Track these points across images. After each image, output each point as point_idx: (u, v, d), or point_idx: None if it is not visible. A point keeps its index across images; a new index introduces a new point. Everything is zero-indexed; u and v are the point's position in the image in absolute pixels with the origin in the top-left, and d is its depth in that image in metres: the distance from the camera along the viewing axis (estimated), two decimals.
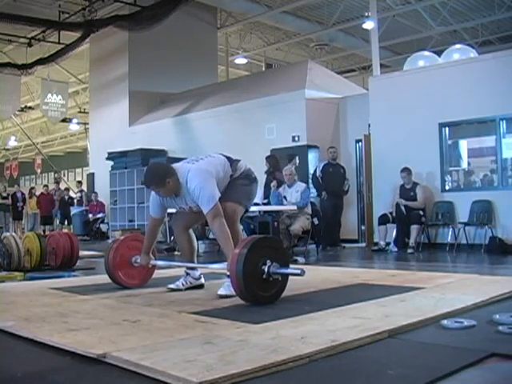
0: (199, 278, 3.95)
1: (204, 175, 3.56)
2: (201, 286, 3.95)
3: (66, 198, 15.53)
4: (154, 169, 3.81)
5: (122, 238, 4.16)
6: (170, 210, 4.01)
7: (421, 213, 8.11)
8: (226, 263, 3.39)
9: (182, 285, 3.86)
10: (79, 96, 20.66)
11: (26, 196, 16.47)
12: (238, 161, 3.88)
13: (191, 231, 4.00)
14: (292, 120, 10.34)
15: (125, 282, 4.01)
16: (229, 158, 3.83)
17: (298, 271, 3.30)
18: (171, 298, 3.56)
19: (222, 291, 3.50)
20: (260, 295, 3.20)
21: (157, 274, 4.35)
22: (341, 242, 8.97)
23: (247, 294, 3.16)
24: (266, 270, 3.18)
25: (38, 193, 16.58)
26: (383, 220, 8.30)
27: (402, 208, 8.12)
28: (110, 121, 14.67)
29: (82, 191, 15.75)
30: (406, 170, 8.23)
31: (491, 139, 8.29)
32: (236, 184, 3.76)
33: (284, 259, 3.32)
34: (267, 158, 8.92)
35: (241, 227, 7.61)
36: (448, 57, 9.28)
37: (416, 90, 8.66)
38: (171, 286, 3.86)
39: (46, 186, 16.42)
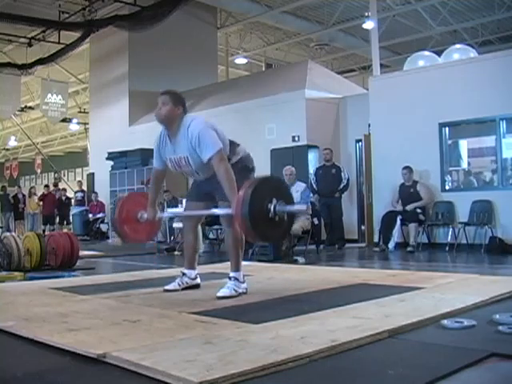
0: (195, 278, 3.93)
1: (207, 125, 3.55)
2: (197, 286, 3.92)
3: (64, 198, 15.54)
4: (177, 92, 3.77)
5: (128, 194, 4.17)
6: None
7: (418, 210, 8.10)
8: (230, 208, 3.34)
9: (179, 285, 3.84)
10: (79, 96, 20.66)
11: (27, 196, 16.50)
12: (238, 145, 3.78)
13: (199, 229, 4.02)
14: (292, 120, 10.33)
15: (132, 238, 4.03)
16: (230, 140, 3.78)
17: (304, 207, 3.32)
18: (171, 297, 3.55)
19: (221, 293, 3.47)
20: (268, 234, 3.19)
21: (157, 274, 4.36)
22: (342, 242, 8.97)
23: (255, 233, 3.14)
24: (271, 208, 3.13)
25: (38, 193, 16.58)
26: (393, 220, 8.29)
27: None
28: (109, 121, 14.67)
29: (83, 191, 15.76)
30: (408, 168, 8.26)
31: (491, 139, 8.29)
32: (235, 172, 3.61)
33: (288, 198, 3.28)
34: None
35: None
36: (448, 57, 9.28)
37: (416, 90, 8.66)
38: (168, 287, 3.84)
39: (46, 186, 16.43)
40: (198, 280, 3.95)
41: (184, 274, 3.89)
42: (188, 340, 2.32)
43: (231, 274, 3.58)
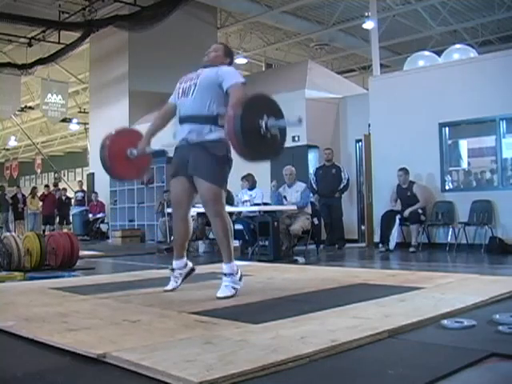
0: (186, 265, 3.84)
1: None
2: (192, 271, 3.88)
3: (64, 198, 15.54)
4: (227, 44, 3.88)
5: (114, 131, 4.09)
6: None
7: (419, 211, 8.11)
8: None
9: (176, 282, 3.80)
10: (79, 96, 20.66)
11: (27, 196, 16.49)
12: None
13: (190, 218, 3.84)
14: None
15: (122, 176, 4.03)
16: None
17: (296, 120, 3.23)
18: (171, 297, 3.55)
19: (221, 294, 3.45)
20: (261, 151, 3.20)
21: (157, 274, 4.35)
22: (342, 242, 8.97)
23: (248, 151, 3.14)
24: (263, 124, 3.12)
25: (39, 193, 16.60)
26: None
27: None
28: (109, 121, 14.64)
29: (83, 191, 15.76)
30: (403, 170, 8.26)
31: (491, 139, 8.30)
32: (217, 163, 3.54)
33: (279, 113, 3.27)
34: (245, 176, 8.39)
35: (240, 227, 7.67)
36: (448, 57, 9.28)
37: (416, 90, 8.66)
38: (167, 288, 3.81)
39: (47, 186, 16.44)
40: (190, 264, 3.88)
41: (173, 269, 3.83)
42: (188, 340, 2.32)
43: (225, 270, 3.52)
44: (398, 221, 8.13)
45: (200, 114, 3.53)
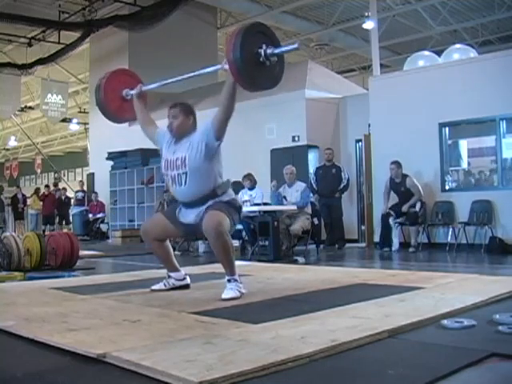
0: (184, 279, 3.86)
1: None
2: (186, 287, 3.85)
3: (63, 197, 15.54)
4: (187, 102, 3.76)
5: (109, 73, 4.07)
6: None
7: (416, 209, 8.05)
8: (220, 65, 3.38)
9: (165, 285, 3.82)
10: (79, 96, 20.66)
11: (30, 197, 16.50)
12: (230, 186, 3.70)
13: (168, 244, 3.86)
14: (292, 120, 10.33)
15: (120, 117, 4.04)
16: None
17: (295, 45, 3.32)
18: (171, 297, 3.55)
19: (226, 295, 3.41)
20: (260, 79, 3.23)
21: (157, 274, 4.35)
22: (342, 242, 8.97)
23: (249, 80, 3.17)
24: (262, 52, 3.17)
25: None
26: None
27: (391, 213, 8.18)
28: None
29: (83, 191, 15.76)
30: (396, 163, 8.17)
31: (491, 139, 8.30)
32: (221, 204, 3.52)
33: (276, 41, 3.31)
34: (245, 176, 8.39)
35: (240, 227, 7.67)
36: (448, 57, 9.28)
37: (416, 90, 8.66)
38: (154, 287, 3.82)
39: (47, 186, 16.44)
40: (188, 280, 3.88)
41: (170, 276, 3.84)
42: (188, 340, 2.32)
43: (228, 277, 3.50)
44: (393, 224, 8.14)
45: (198, 197, 3.51)
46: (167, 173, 3.61)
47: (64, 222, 15.32)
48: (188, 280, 3.89)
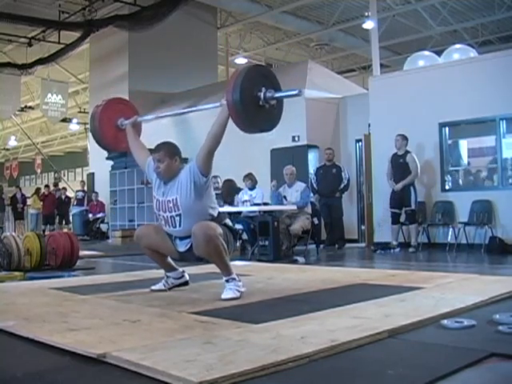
0: (182, 276, 3.86)
1: None
2: (185, 284, 3.87)
3: (63, 197, 15.53)
4: (170, 143, 3.71)
5: (104, 103, 4.06)
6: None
7: (413, 207, 8.02)
8: (219, 102, 3.37)
9: (164, 285, 3.83)
10: (79, 96, 20.65)
11: (31, 196, 16.50)
12: (226, 217, 3.70)
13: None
14: (292, 120, 10.30)
15: (114, 146, 4.06)
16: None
17: (295, 91, 3.29)
18: (171, 297, 3.55)
19: (225, 295, 3.41)
20: (259, 121, 3.24)
21: (157, 274, 4.35)
22: (342, 242, 8.97)
23: (246, 120, 3.18)
24: (261, 96, 3.18)
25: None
26: (395, 219, 8.25)
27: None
28: None
29: (84, 191, 15.75)
30: (401, 135, 8.11)
31: (491, 139, 8.30)
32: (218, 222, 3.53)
33: (276, 85, 3.32)
34: (246, 176, 8.34)
35: (240, 227, 7.67)
36: (448, 57, 9.28)
37: (416, 90, 8.65)
38: (154, 287, 3.83)
39: (47, 186, 16.44)
40: (186, 277, 3.89)
41: (168, 276, 3.85)
42: (188, 340, 2.32)
43: (226, 278, 3.50)
44: (391, 223, 8.17)
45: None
46: (160, 213, 3.60)
47: (64, 222, 15.31)
48: (187, 277, 3.90)
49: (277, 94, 3.23)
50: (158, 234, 3.69)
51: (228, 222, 3.68)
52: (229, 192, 8.41)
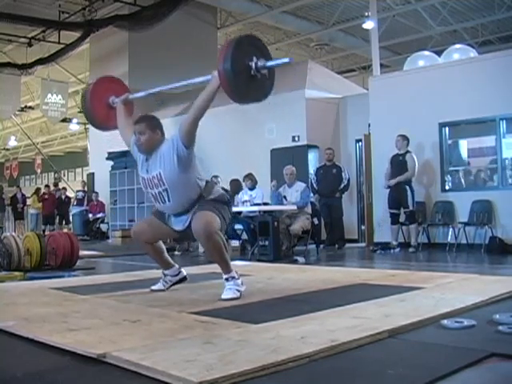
0: (179, 273, 3.87)
1: None
2: (184, 279, 3.88)
3: (63, 197, 15.53)
4: (151, 116, 3.71)
5: (95, 81, 4.08)
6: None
7: (411, 208, 8.02)
8: (210, 75, 3.36)
9: (163, 286, 3.84)
10: (79, 96, 20.63)
11: (31, 196, 16.49)
12: (216, 183, 3.70)
13: (161, 244, 3.87)
14: (292, 120, 10.33)
15: (106, 125, 4.05)
16: (207, 180, 3.68)
17: (287, 59, 3.28)
18: (171, 297, 3.55)
19: (225, 296, 3.41)
20: (250, 92, 3.23)
21: (157, 274, 4.34)
22: (342, 242, 8.97)
23: (239, 92, 3.17)
24: (253, 65, 3.17)
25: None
26: (395, 220, 8.25)
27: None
28: None
29: (84, 191, 15.75)
30: (402, 136, 8.11)
31: (491, 139, 8.29)
32: (208, 202, 3.50)
33: (267, 55, 3.30)
34: (246, 176, 8.41)
35: (240, 227, 7.67)
36: (448, 57, 9.28)
37: (416, 90, 8.65)
38: (153, 287, 3.84)
39: (47, 186, 16.44)
40: (183, 273, 3.89)
41: (165, 274, 3.86)
42: (188, 340, 2.32)
43: (226, 276, 3.50)
44: (390, 223, 8.16)
45: (186, 207, 3.49)
46: (147, 191, 3.60)
47: (64, 222, 15.31)
48: (184, 272, 3.90)
49: (268, 63, 3.22)
50: (151, 225, 3.71)
51: (218, 190, 3.61)
52: (235, 192, 8.41)
